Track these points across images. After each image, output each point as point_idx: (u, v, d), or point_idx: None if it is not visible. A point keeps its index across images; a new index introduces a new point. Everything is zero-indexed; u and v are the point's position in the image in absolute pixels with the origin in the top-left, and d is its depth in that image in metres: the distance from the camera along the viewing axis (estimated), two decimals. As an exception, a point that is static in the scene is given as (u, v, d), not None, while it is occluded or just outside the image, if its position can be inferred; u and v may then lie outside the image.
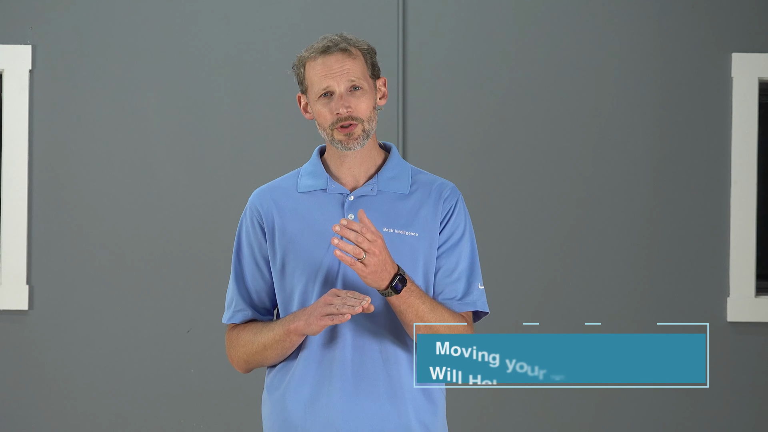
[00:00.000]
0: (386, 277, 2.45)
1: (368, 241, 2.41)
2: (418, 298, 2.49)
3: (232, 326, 2.67)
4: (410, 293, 2.48)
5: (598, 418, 4.70)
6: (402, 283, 2.46)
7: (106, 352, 4.68)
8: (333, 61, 2.56)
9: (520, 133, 4.70)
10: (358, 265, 2.41)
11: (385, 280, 2.45)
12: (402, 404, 2.55)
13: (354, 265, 2.41)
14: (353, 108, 2.55)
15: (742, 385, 4.70)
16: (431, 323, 2.50)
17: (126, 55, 4.70)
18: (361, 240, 2.40)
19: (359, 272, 2.42)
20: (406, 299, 2.48)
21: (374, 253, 2.41)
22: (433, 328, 2.51)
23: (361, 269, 2.42)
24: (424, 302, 2.50)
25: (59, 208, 4.69)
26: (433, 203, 2.61)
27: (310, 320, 2.48)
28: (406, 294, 2.47)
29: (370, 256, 2.41)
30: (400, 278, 2.46)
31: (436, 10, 4.70)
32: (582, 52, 4.70)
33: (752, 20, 4.70)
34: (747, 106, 4.70)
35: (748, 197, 4.70)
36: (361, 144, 2.58)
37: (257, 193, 2.67)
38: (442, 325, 2.52)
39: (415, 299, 2.49)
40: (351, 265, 2.41)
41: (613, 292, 4.70)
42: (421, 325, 2.50)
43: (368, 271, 2.42)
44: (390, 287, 2.46)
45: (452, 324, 2.54)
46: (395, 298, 2.47)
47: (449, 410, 3.79)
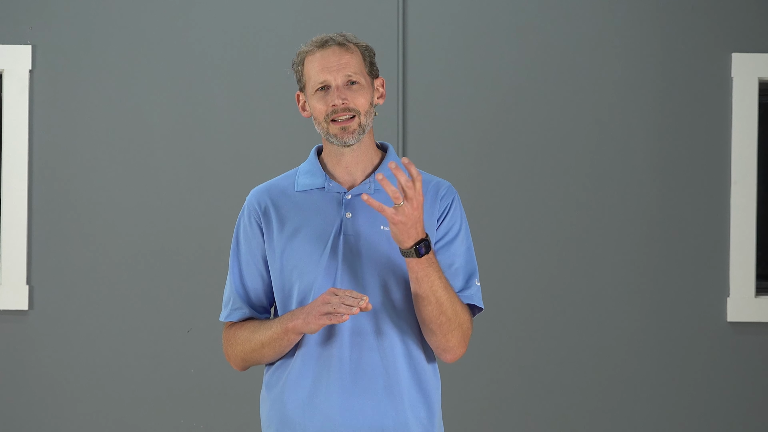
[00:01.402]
0: (413, 235, 2.43)
1: (414, 189, 2.39)
2: (436, 272, 2.49)
3: (229, 324, 2.68)
4: (430, 263, 2.47)
5: (597, 418, 4.70)
6: (426, 248, 2.45)
7: (106, 352, 4.69)
8: (330, 54, 2.57)
9: (519, 133, 4.70)
10: (389, 210, 2.39)
11: (411, 237, 2.43)
12: (399, 401, 2.56)
13: (383, 209, 2.39)
14: (350, 100, 2.56)
15: (742, 385, 4.70)
16: (442, 301, 2.50)
17: (126, 55, 4.70)
18: (410, 186, 2.38)
19: (390, 217, 2.41)
20: (426, 267, 2.47)
21: (412, 205, 2.40)
22: (443, 306, 2.51)
23: (392, 215, 2.40)
24: (441, 278, 2.50)
25: (59, 208, 4.70)
26: (430, 202, 2.61)
27: (309, 319, 2.49)
28: (427, 262, 2.47)
29: (408, 206, 2.40)
30: (426, 244, 2.45)
31: (436, 10, 4.70)
32: (582, 52, 4.70)
33: (752, 20, 4.70)
34: (747, 106, 4.70)
35: (748, 197, 4.69)
36: (357, 138, 2.58)
37: (255, 192, 2.68)
38: (451, 307, 2.52)
39: (434, 272, 2.48)
40: (380, 209, 2.39)
41: (613, 292, 4.69)
42: (432, 300, 2.50)
43: (399, 219, 2.40)
44: (413, 248, 2.45)
45: (460, 309, 2.54)
46: (415, 263, 2.46)
47: (445, 409, 3.80)
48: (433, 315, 2.52)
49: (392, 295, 2.56)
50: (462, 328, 2.55)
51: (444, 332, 2.54)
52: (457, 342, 2.56)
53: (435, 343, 2.57)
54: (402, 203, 2.39)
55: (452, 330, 2.54)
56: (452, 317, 2.52)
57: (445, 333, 2.54)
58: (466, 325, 2.56)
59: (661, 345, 4.69)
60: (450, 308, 2.51)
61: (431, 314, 2.52)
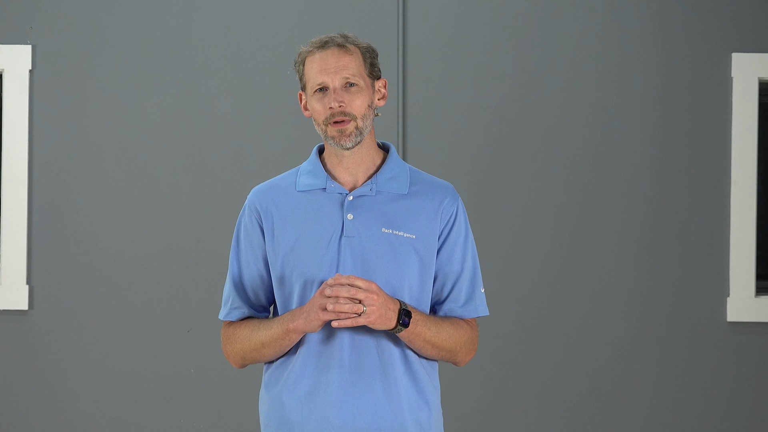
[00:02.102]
0: (392, 317, 2.49)
1: (363, 290, 2.45)
2: (424, 325, 2.54)
3: (228, 322, 2.68)
4: (416, 324, 2.53)
5: (597, 418, 4.70)
6: (407, 316, 2.51)
7: (106, 352, 4.68)
8: (329, 55, 2.57)
9: (519, 134, 4.70)
10: (361, 319, 2.45)
11: (392, 320, 2.49)
12: (397, 402, 2.56)
13: (357, 321, 2.45)
14: (347, 104, 2.56)
15: (742, 385, 4.70)
16: (438, 343, 2.57)
17: (126, 55, 4.70)
18: (354, 292, 2.44)
19: (366, 324, 2.46)
20: (413, 330, 2.53)
21: (373, 301, 2.45)
22: (440, 346, 2.58)
23: (365, 320, 2.46)
24: (430, 327, 2.55)
25: (59, 208, 4.69)
26: (434, 206, 2.61)
27: (310, 317, 2.49)
28: (413, 326, 2.52)
29: (370, 305, 2.45)
30: (405, 312, 2.50)
31: (436, 10, 4.70)
32: (582, 52, 4.70)
33: (752, 20, 4.70)
34: (747, 106, 4.69)
35: (748, 197, 4.69)
36: (354, 141, 2.58)
37: (256, 191, 2.67)
38: (449, 342, 2.58)
39: (422, 327, 2.54)
40: (354, 323, 2.45)
41: (613, 292, 4.69)
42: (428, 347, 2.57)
43: (374, 318, 2.46)
44: (399, 324, 2.50)
45: (459, 335, 2.60)
46: (404, 332, 2.52)
47: (445, 409, 3.79)
48: (433, 356, 2.60)
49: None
50: (465, 347, 2.63)
51: (448, 358, 2.63)
52: (463, 356, 2.64)
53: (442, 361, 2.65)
54: (365, 309, 2.45)
55: (455, 355, 2.62)
56: (452, 348, 2.60)
57: (450, 358, 2.63)
58: (469, 343, 2.63)
59: (662, 345, 4.69)
60: (447, 344, 2.59)
61: (431, 356, 2.60)
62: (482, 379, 4.69)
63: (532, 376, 4.70)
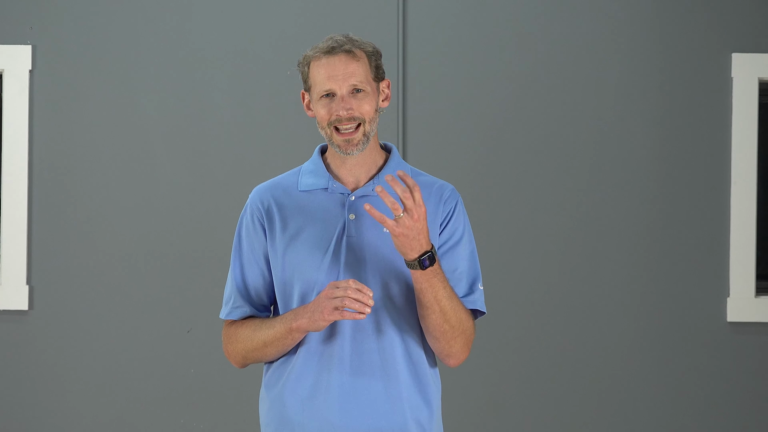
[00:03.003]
0: (416, 247, 2.43)
1: (413, 200, 2.38)
2: (441, 282, 2.48)
3: (229, 321, 2.68)
4: (435, 273, 2.47)
5: (598, 419, 4.70)
6: (430, 261, 2.44)
7: (106, 352, 4.68)
8: (337, 62, 2.56)
9: (519, 134, 4.70)
10: (389, 221, 2.38)
11: (414, 250, 2.43)
12: (398, 403, 2.56)
13: (385, 221, 2.39)
14: (355, 109, 2.55)
15: (742, 385, 4.70)
16: (446, 310, 2.50)
17: (126, 55, 4.70)
18: (408, 197, 2.37)
19: (391, 229, 2.40)
20: (430, 278, 2.46)
21: (412, 216, 2.38)
22: (447, 315, 2.51)
23: (392, 227, 2.39)
24: (446, 287, 2.49)
25: (59, 208, 4.69)
26: (434, 205, 2.61)
27: (315, 317, 2.48)
28: (431, 273, 2.46)
29: (407, 217, 2.39)
30: (430, 256, 2.44)
31: (436, 10, 4.70)
32: (582, 52, 4.71)
33: (752, 20, 4.70)
34: (747, 106, 4.70)
35: (748, 197, 4.70)
36: (360, 149, 2.57)
37: (258, 191, 2.67)
38: (454, 315, 2.52)
39: (438, 282, 2.48)
40: (380, 220, 2.39)
41: (613, 293, 4.70)
42: (436, 309, 2.50)
43: (399, 231, 2.39)
44: (417, 260, 2.44)
45: (463, 316, 2.54)
46: (419, 274, 2.46)
47: (445, 409, 3.79)
48: (436, 323, 2.52)
49: (394, 297, 2.56)
50: (465, 334, 2.56)
51: (447, 339, 2.55)
52: (460, 348, 2.57)
53: (438, 348, 2.58)
54: (401, 214, 2.38)
55: (456, 337, 2.55)
56: (456, 325, 2.53)
57: (449, 340, 2.55)
58: (469, 332, 2.57)
59: (661, 345, 4.70)
60: (454, 317, 2.52)
61: (435, 323, 2.52)
62: (482, 379, 4.69)
63: (532, 376, 4.70)
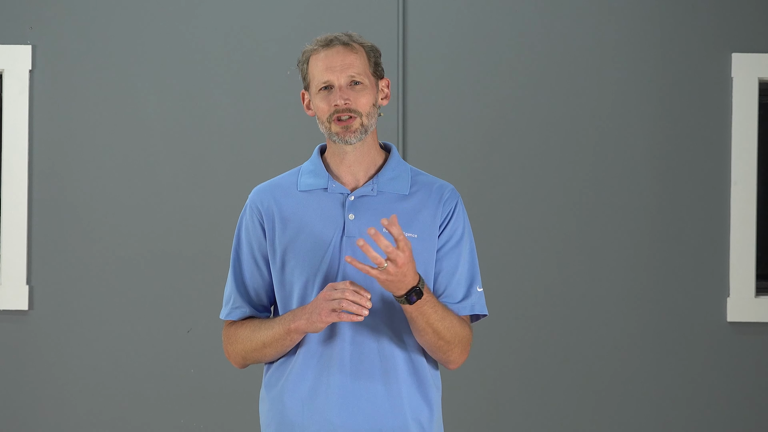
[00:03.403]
0: (402, 287, 2.43)
1: (396, 252, 2.37)
2: (432, 307, 2.49)
3: (229, 322, 2.68)
4: (424, 303, 2.47)
5: (597, 419, 4.70)
6: (417, 295, 2.45)
7: (106, 352, 4.68)
8: (334, 54, 2.57)
9: (519, 134, 4.70)
10: (373, 271, 2.38)
11: (401, 289, 2.44)
12: (398, 403, 2.56)
13: (368, 271, 2.39)
14: (352, 101, 2.56)
15: (742, 385, 4.70)
16: (438, 330, 2.51)
17: (126, 55, 4.70)
18: (391, 250, 2.36)
19: (376, 277, 2.40)
20: (420, 307, 2.47)
21: (397, 263, 2.38)
22: (440, 334, 2.52)
23: (377, 275, 2.39)
24: (436, 311, 2.50)
25: (59, 208, 4.69)
26: (434, 205, 2.61)
27: (313, 318, 2.48)
28: (420, 303, 2.46)
29: (391, 265, 2.38)
30: (417, 291, 2.44)
31: (436, 10, 4.70)
32: (582, 52, 4.70)
33: (752, 20, 4.70)
34: (747, 106, 4.70)
35: (748, 197, 4.70)
36: (359, 138, 2.57)
37: (257, 191, 2.67)
38: (449, 332, 2.53)
39: (429, 308, 2.48)
40: (364, 270, 2.39)
41: (613, 293, 4.70)
42: (429, 331, 2.51)
43: (384, 278, 2.40)
44: (404, 297, 2.45)
45: (458, 329, 2.55)
46: (407, 307, 2.47)
47: (445, 409, 3.79)
48: (431, 341, 2.53)
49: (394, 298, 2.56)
50: (462, 343, 2.57)
51: (444, 352, 2.56)
52: (458, 355, 2.58)
53: (436, 357, 2.59)
54: (386, 265, 2.38)
55: (452, 349, 2.56)
56: (451, 339, 2.54)
57: (445, 352, 2.56)
58: (465, 340, 2.58)
59: (661, 345, 4.69)
60: (448, 333, 2.53)
61: (429, 341, 2.53)
62: (482, 379, 4.69)
63: (532, 376, 4.70)
